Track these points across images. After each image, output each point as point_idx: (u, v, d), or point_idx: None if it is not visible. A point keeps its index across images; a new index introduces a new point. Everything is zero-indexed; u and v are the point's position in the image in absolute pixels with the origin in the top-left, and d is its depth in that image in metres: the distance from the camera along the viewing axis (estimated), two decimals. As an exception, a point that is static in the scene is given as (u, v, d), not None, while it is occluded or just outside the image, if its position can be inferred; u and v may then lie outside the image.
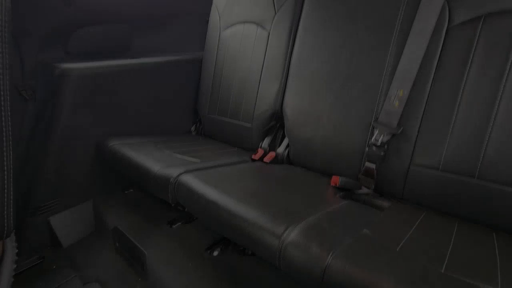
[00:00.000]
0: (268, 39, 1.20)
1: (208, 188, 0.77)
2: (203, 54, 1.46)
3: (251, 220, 0.65)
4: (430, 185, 0.80)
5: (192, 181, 0.82)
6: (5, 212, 0.58)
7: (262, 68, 1.21)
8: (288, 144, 1.15)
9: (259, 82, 1.22)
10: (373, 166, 0.89)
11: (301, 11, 1.13)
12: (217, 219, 0.72)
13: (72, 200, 1.20)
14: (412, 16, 0.84)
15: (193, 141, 1.33)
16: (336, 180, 0.89)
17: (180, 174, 0.86)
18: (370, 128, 0.91)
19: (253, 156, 1.16)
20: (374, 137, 0.88)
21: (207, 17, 1.47)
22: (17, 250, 0.68)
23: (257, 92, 1.22)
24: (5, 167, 0.56)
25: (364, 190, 0.91)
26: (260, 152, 1.17)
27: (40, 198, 1.13)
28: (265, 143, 1.21)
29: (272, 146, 1.22)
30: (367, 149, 0.90)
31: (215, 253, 0.93)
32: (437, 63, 0.80)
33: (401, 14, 0.87)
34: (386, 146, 0.87)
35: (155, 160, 0.97)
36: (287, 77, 1.15)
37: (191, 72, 1.47)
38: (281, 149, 1.17)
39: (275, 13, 1.19)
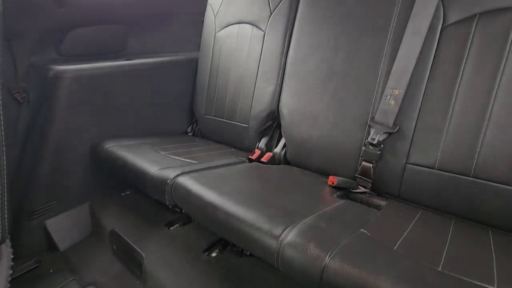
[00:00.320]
0: (263, 39, 1.20)
1: (206, 190, 0.77)
2: (199, 54, 1.45)
3: (249, 221, 0.65)
4: (426, 184, 0.81)
5: (189, 183, 0.81)
6: (0, 217, 0.57)
7: (258, 68, 1.21)
8: (285, 144, 1.15)
9: (255, 82, 1.22)
10: (369, 165, 0.89)
11: (296, 11, 1.13)
12: (215, 220, 0.71)
13: (68, 203, 1.19)
14: (407, 16, 0.85)
15: (190, 142, 1.33)
16: (333, 179, 0.89)
17: (177, 175, 0.86)
18: (367, 127, 0.91)
19: (250, 156, 1.16)
20: (370, 136, 0.88)
21: (202, 17, 1.47)
22: (12, 256, 0.67)
23: (253, 92, 1.22)
24: (-1, 172, 0.56)
25: (361, 189, 0.91)
26: (257, 152, 1.17)
27: (35, 201, 1.12)
28: (262, 143, 1.21)
29: (269, 146, 1.22)
30: (363, 148, 0.90)
31: (213, 255, 0.92)
32: (432, 62, 0.81)
33: (396, 13, 0.88)
34: (382, 145, 0.87)
35: (151, 161, 0.97)
36: (283, 77, 1.15)
37: (186, 72, 1.46)
38: (278, 149, 1.17)
39: (271, 13, 1.18)
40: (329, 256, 0.53)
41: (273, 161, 1.16)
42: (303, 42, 1.08)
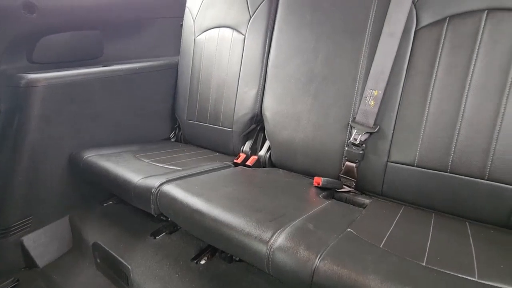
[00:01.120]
0: (244, 43, 1.20)
1: (192, 197, 0.76)
2: (179, 59, 1.43)
3: (237, 227, 0.64)
4: (407, 181, 0.84)
5: (175, 191, 0.80)
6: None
7: (240, 71, 1.21)
8: (269, 147, 1.16)
9: (238, 86, 1.22)
10: (353, 165, 0.91)
11: (275, 14, 1.14)
12: (202, 228, 0.71)
13: (46, 218, 1.14)
14: (382, 19, 0.87)
15: (173, 148, 1.31)
16: (318, 180, 0.90)
17: (162, 184, 0.84)
18: (349, 128, 0.93)
19: (235, 161, 1.15)
20: (352, 136, 0.91)
21: (180, 21, 1.45)
22: (-12, 278, 0.63)
23: (236, 96, 1.22)
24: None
25: (345, 188, 0.93)
26: (242, 156, 1.17)
27: (10, 217, 1.06)
28: (247, 146, 1.21)
29: (254, 150, 1.22)
30: (346, 148, 0.92)
31: (202, 262, 0.91)
32: (408, 64, 0.84)
33: (371, 17, 0.90)
34: (364, 145, 0.89)
35: (134, 170, 0.95)
36: (265, 80, 1.15)
37: (167, 77, 1.44)
38: (262, 152, 1.18)
39: (250, 17, 1.19)
40: (319, 258, 0.54)
41: (258, 164, 1.16)
42: (284, 45, 1.10)
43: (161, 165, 1.04)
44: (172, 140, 1.50)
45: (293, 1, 1.08)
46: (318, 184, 0.90)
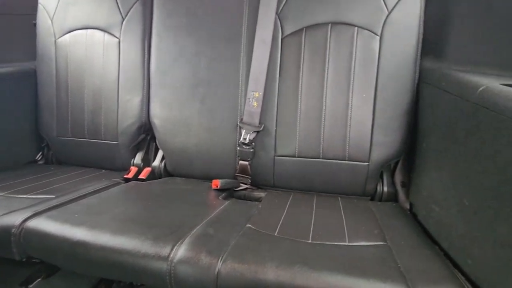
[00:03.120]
0: (119, 47, 1.10)
1: (71, 228, 0.65)
2: (36, 65, 1.19)
3: (131, 250, 0.59)
4: (292, 170, 0.95)
5: (46, 225, 0.67)
6: None
7: (119, 78, 1.10)
8: (163, 155, 1.11)
9: (118, 94, 1.10)
10: (246, 163, 0.97)
11: (151, 16, 1.08)
12: (89, 262, 0.61)
13: None
14: (254, 28, 0.95)
15: (42, 172, 1.08)
16: (216, 183, 0.92)
17: (26, 219, 0.69)
18: (238, 129, 0.98)
19: (125, 176, 1.05)
20: (242, 136, 0.96)
21: (33, 19, 1.20)
22: None
23: (118, 105, 1.11)
24: None
25: (242, 186, 0.98)
26: (134, 169, 1.07)
27: None
28: (138, 159, 1.12)
29: (147, 161, 1.14)
30: (238, 148, 0.97)
31: (97, 299, 0.79)
32: (280, 67, 0.95)
33: (245, 25, 0.97)
34: (253, 143, 0.96)
35: (-18, 209, 0.73)
36: (149, 86, 1.09)
37: (22, 87, 1.17)
38: (156, 163, 1.12)
39: (123, 19, 1.09)
40: (220, 261, 0.55)
41: (153, 176, 1.09)
42: (164, 49, 1.06)
43: (24, 196, 0.84)
44: (41, 162, 1.24)
45: (169, 3, 1.05)
46: (217, 186, 0.92)
